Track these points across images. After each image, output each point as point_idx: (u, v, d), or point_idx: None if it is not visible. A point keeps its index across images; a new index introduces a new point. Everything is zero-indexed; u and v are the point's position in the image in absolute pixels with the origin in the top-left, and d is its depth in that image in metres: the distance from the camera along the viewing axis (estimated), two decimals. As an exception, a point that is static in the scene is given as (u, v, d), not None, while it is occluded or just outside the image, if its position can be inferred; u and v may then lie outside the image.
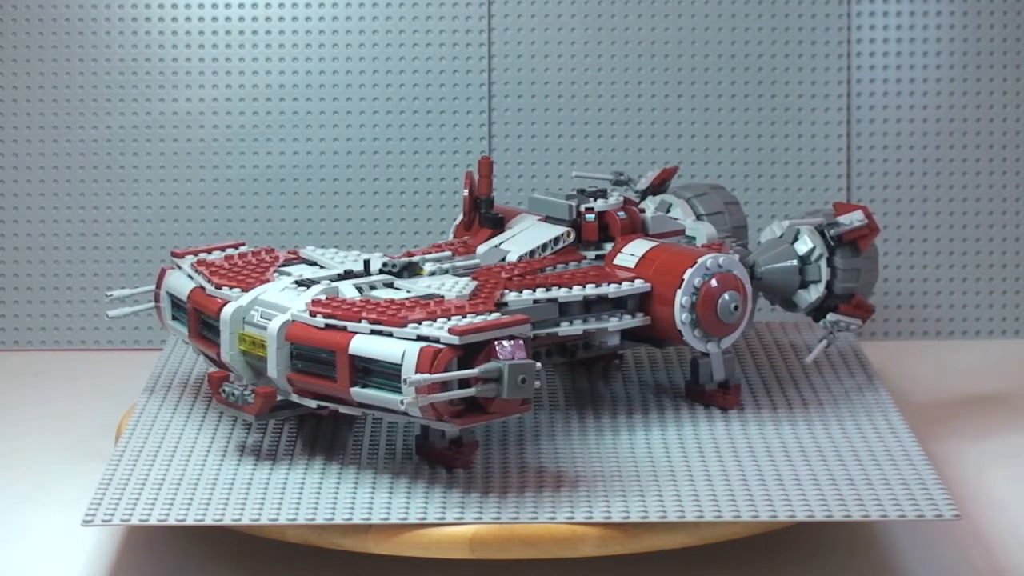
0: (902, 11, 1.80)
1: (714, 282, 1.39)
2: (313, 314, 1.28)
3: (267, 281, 1.37)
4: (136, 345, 1.82)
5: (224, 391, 1.32)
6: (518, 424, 1.40)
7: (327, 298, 1.32)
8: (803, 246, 1.47)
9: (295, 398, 1.31)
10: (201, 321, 1.39)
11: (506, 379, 1.21)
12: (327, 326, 1.27)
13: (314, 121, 1.81)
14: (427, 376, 1.20)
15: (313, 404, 1.31)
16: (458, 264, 1.41)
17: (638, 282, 1.40)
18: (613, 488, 1.27)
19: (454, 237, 1.53)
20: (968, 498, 1.40)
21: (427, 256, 1.42)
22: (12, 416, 1.64)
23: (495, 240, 1.47)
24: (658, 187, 1.58)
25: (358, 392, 1.25)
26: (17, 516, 1.40)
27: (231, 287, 1.37)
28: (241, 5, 1.79)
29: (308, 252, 1.45)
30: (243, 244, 1.50)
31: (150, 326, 1.80)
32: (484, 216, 1.50)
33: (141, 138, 1.80)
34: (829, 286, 1.47)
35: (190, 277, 1.43)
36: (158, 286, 1.47)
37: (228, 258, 1.46)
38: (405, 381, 1.21)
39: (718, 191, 1.58)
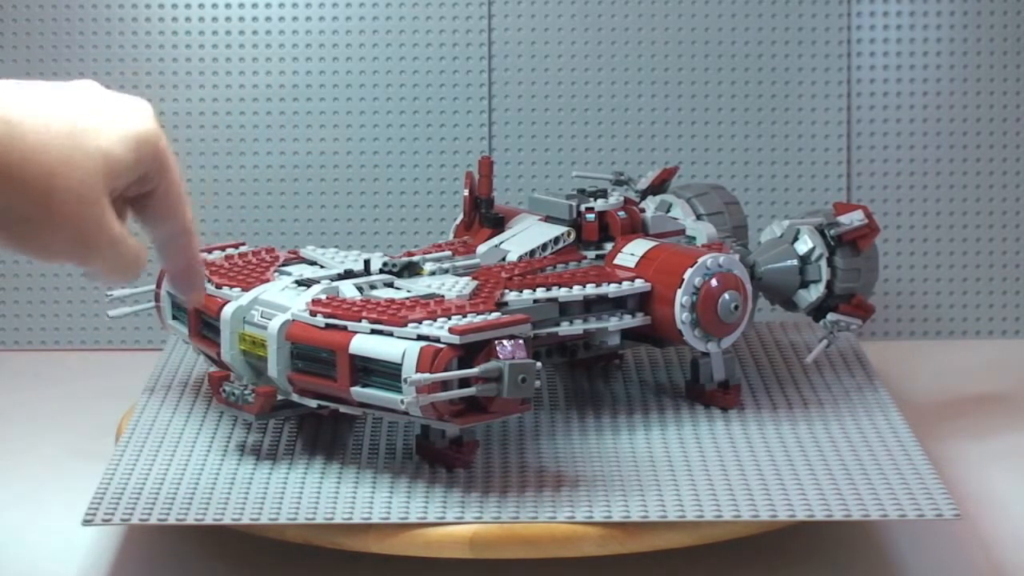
0: (902, 11, 1.80)
1: (714, 282, 1.39)
2: (313, 314, 1.28)
3: (267, 281, 1.37)
4: (136, 345, 1.82)
5: (224, 391, 1.32)
6: (518, 424, 1.40)
7: (327, 298, 1.32)
8: (803, 246, 1.47)
9: (295, 398, 1.31)
10: (201, 321, 1.39)
11: (506, 378, 1.21)
12: (327, 326, 1.27)
13: (314, 121, 1.81)
14: (427, 375, 1.20)
15: (313, 404, 1.31)
16: (458, 264, 1.41)
17: (638, 282, 1.40)
18: (613, 488, 1.27)
19: (454, 237, 1.53)
20: (968, 498, 1.40)
21: (427, 256, 1.42)
22: (12, 416, 1.64)
23: (495, 240, 1.47)
24: (658, 187, 1.58)
25: (358, 392, 1.25)
26: (17, 516, 1.40)
27: (231, 287, 1.37)
28: (241, 5, 1.79)
29: (308, 252, 1.45)
30: (243, 244, 1.50)
31: (150, 326, 1.80)
32: (484, 216, 1.50)
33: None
34: (829, 286, 1.47)
35: (190, 277, 1.43)
36: (158, 286, 1.47)
37: (228, 258, 1.46)
38: (405, 380, 1.20)
39: (718, 191, 1.58)
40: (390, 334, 1.24)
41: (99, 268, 1.02)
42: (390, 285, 1.36)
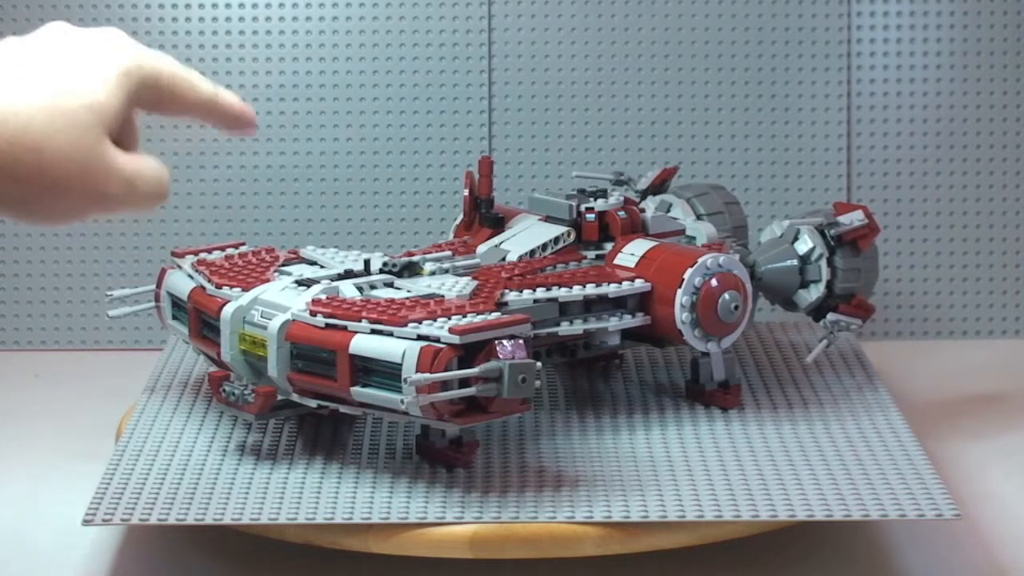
0: (902, 11, 1.80)
1: (714, 282, 1.39)
2: (313, 313, 1.28)
3: (267, 281, 1.37)
4: (136, 345, 1.82)
5: (224, 391, 1.32)
6: (518, 424, 1.40)
7: (327, 298, 1.32)
8: (803, 246, 1.47)
9: (295, 398, 1.31)
10: (201, 321, 1.39)
11: (506, 378, 1.20)
12: (327, 325, 1.27)
13: (314, 121, 1.81)
14: (427, 375, 1.20)
15: (313, 404, 1.31)
16: (458, 264, 1.41)
17: (638, 282, 1.40)
18: (613, 488, 1.27)
19: (454, 237, 1.53)
20: (968, 498, 1.40)
21: (427, 256, 1.42)
22: (12, 416, 1.64)
23: (495, 240, 1.47)
24: (658, 187, 1.58)
25: (358, 392, 1.25)
26: (17, 516, 1.40)
27: (231, 287, 1.37)
28: (241, 5, 1.79)
29: (308, 252, 1.45)
30: (243, 244, 1.50)
31: (150, 326, 1.80)
32: (484, 216, 1.50)
33: (140, 138, 1.80)
34: (829, 286, 1.47)
35: (190, 277, 1.43)
36: (158, 286, 1.47)
37: (228, 258, 1.46)
38: (405, 380, 1.20)
39: (718, 191, 1.58)
40: (390, 334, 1.24)
41: (123, 210, 1.01)
42: (390, 285, 1.36)
